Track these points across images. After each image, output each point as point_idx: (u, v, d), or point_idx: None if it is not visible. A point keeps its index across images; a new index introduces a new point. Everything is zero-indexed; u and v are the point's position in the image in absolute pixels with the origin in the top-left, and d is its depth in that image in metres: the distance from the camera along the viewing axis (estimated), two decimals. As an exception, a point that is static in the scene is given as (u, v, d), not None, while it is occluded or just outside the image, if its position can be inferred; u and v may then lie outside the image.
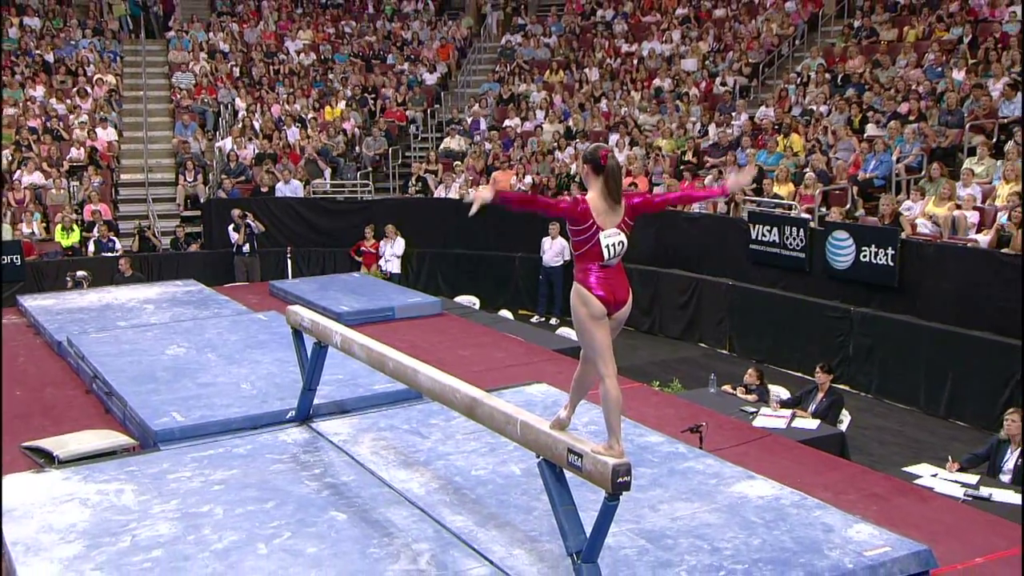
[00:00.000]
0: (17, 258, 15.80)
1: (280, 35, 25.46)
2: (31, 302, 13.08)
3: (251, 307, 12.71)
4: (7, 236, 16.18)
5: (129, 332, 11.18)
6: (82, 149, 19.72)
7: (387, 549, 5.87)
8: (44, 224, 17.36)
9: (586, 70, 22.44)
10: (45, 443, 7.90)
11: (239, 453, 7.46)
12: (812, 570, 5.47)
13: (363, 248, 16.62)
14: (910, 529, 6.03)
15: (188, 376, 9.30)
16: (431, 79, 23.43)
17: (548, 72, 22.71)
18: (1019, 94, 15.39)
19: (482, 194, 4.79)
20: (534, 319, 15.46)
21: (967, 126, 14.73)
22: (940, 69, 17.77)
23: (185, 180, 19.28)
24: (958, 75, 17.16)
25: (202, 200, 18.63)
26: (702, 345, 13.76)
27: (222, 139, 20.37)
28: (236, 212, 16.44)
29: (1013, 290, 10.34)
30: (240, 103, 21.97)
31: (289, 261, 16.59)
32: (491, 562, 5.67)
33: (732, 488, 6.64)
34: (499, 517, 6.26)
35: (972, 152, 13.83)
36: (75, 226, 17.25)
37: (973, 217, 11.73)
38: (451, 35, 25.38)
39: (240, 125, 20.67)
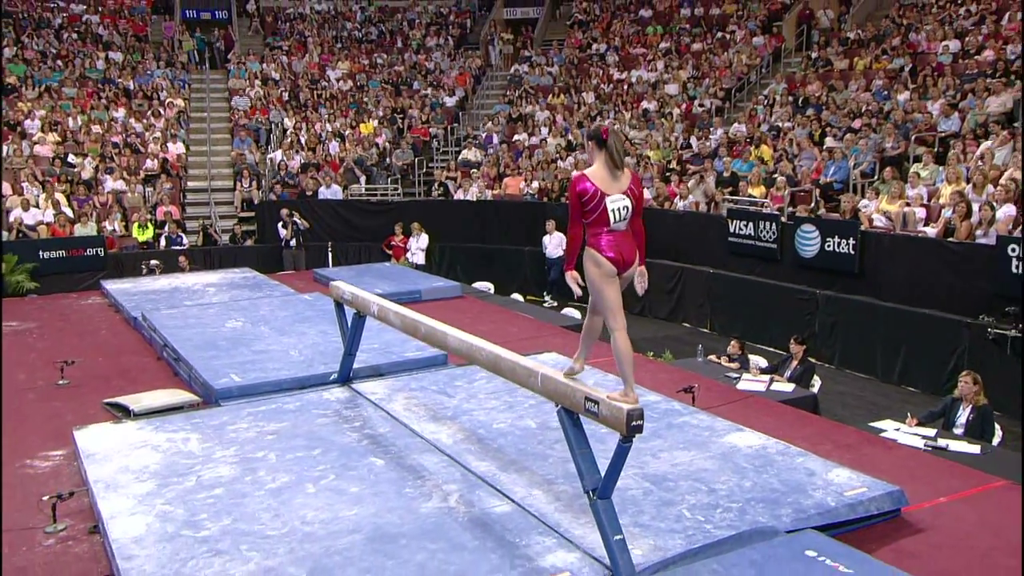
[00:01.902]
0: (101, 250, 15.65)
1: (322, 65, 25.23)
2: (112, 285, 12.84)
3: (298, 290, 12.44)
4: (92, 232, 16.08)
5: (194, 309, 10.92)
6: (155, 160, 19.59)
7: (420, 489, 5.59)
8: (124, 223, 17.12)
9: (583, 94, 22.16)
10: (122, 399, 7.65)
11: (288, 409, 7.19)
12: (799, 507, 5.19)
13: (393, 243, 16.33)
14: (880, 474, 5.74)
15: (244, 345, 9.05)
16: (451, 102, 23.19)
17: (551, 96, 22.43)
18: (956, 112, 15.19)
19: (573, 284, 4.84)
20: (546, 304, 15.11)
21: (912, 138, 14.46)
22: (886, 92, 17.48)
23: (242, 186, 19.10)
24: (902, 97, 16.89)
25: (256, 203, 18.42)
26: (686, 325, 13.46)
27: (273, 152, 20.13)
28: (284, 211, 16.19)
29: (958, 274, 10.08)
30: (288, 122, 21.73)
31: (330, 253, 16.32)
32: (513, 501, 5.39)
33: (723, 439, 6.36)
34: (518, 463, 5.99)
35: (917, 159, 13.55)
36: (149, 224, 17.03)
37: (921, 213, 11.45)
38: (468, 65, 25.10)
39: (288, 140, 20.42)
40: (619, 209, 4.68)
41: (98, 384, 8.46)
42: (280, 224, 16.10)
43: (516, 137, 20.34)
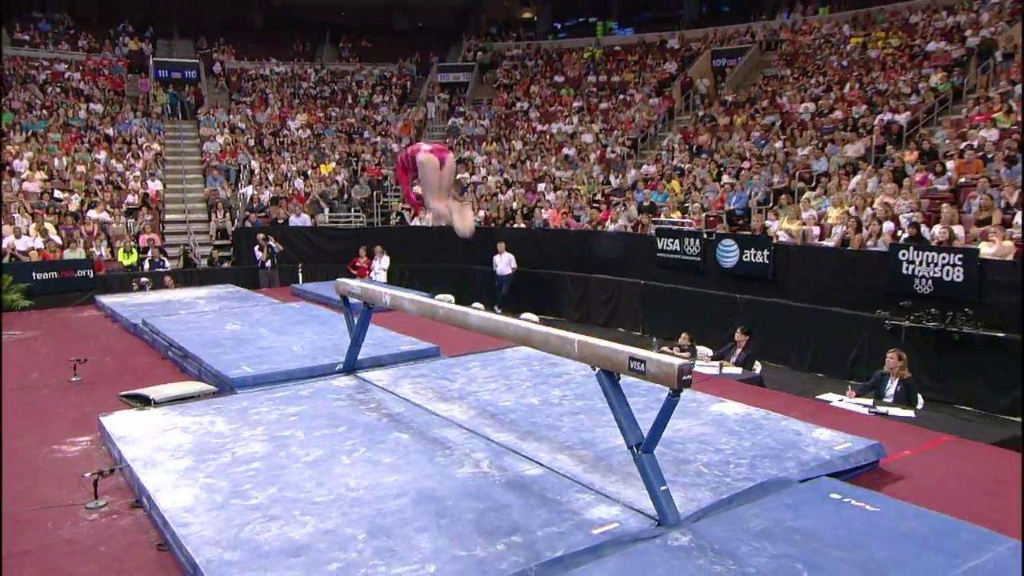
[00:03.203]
0: (90, 272, 14.42)
1: (283, 117, 24.27)
2: (107, 299, 11.76)
3: (281, 302, 11.62)
4: (81, 256, 14.80)
5: (192, 316, 10.01)
6: (136, 196, 18.33)
7: (450, 458, 5.01)
8: (109, 249, 15.87)
9: (513, 142, 21.89)
10: (140, 391, 6.81)
11: (303, 395, 6.49)
12: (800, 460, 4.83)
13: (357, 263, 15.58)
14: (850, 433, 5.45)
15: (247, 343, 8.26)
16: (398, 148, 22.54)
17: (485, 143, 22.08)
18: (824, 155, 15.55)
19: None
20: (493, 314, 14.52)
21: (795, 174, 14.68)
22: (764, 141, 17.80)
23: (216, 217, 18.05)
24: (778, 144, 17.21)
25: (230, 233, 17.40)
26: (621, 330, 13.09)
27: (244, 188, 19.10)
28: (260, 236, 15.28)
29: (857, 276, 10.07)
30: (255, 164, 20.72)
31: (300, 273, 15.43)
32: (542, 464, 4.87)
33: (710, 408, 5.98)
34: (534, 434, 5.46)
35: (801, 191, 13.71)
36: (134, 249, 15.84)
37: (816, 231, 11.48)
38: (411, 118, 24.54)
39: (257, 178, 19.44)
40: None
41: (110, 380, 7.57)
42: (257, 247, 15.17)
43: (459, 176, 19.83)
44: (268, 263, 15.03)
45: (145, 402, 6.55)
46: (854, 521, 3.88)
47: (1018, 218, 9.88)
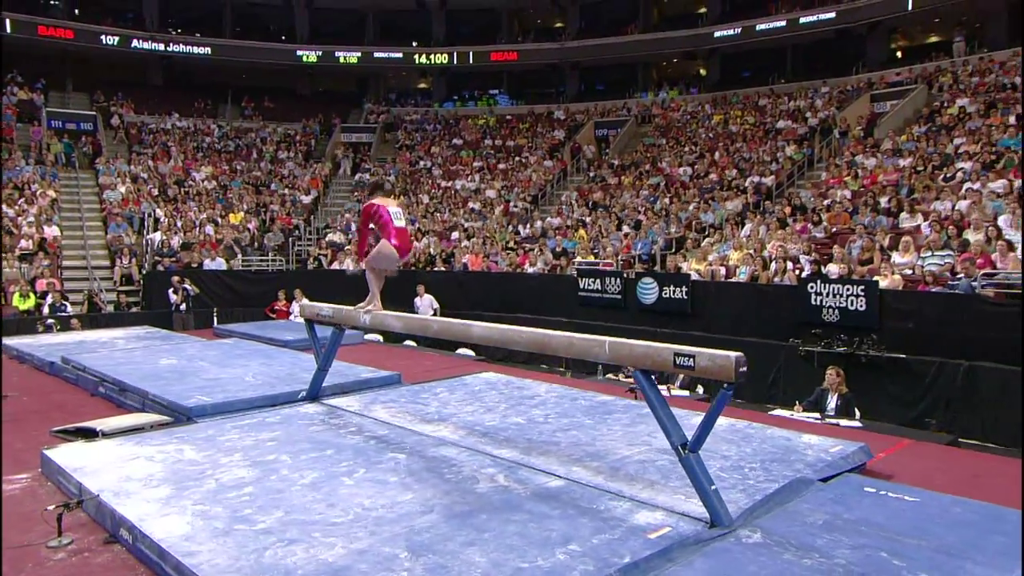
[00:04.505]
0: (-18, 315, 12.56)
1: (187, 168, 22.69)
2: (11, 341, 10.19)
3: (207, 340, 10.48)
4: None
5: (117, 353, 8.77)
6: (31, 241, 16.35)
7: (460, 475, 4.42)
8: (1, 294, 13.97)
9: (420, 196, 21.42)
10: (81, 424, 5.75)
11: (272, 421, 5.68)
12: (806, 462, 4.59)
13: (277, 307, 14.47)
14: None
15: (191, 375, 7.26)
16: (307, 199, 21.54)
17: (392, 197, 21.43)
18: (710, 210, 16.10)
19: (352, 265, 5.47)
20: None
21: (689, 224, 15.05)
22: (653, 198, 18.28)
23: (121, 263, 16.34)
24: (666, 200, 17.71)
25: (136, 278, 15.80)
26: (544, 366, 12.64)
27: (151, 234, 17.49)
28: (175, 278, 13.90)
29: (770, 309, 10.21)
30: (160, 212, 19.09)
31: (215, 317, 14.15)
32: (561, 477, 4.37)
33: (694, 421, 5.64)
34: (536, 449, 4.96)
35: (696, 241, 14.02)
36: (31, 294, 14.01)
37: (722, 271, 11.66)
38: (318, 172, 23.59)
39: (165, 224, 17.88)
40: (398, 213, 5.76)
41: (36, 418, 6.42)
42: (171, 290, 13.77)
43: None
44: (183, 306, 13.67)
45: (89, 435, 5.52)
46: (904, 511, 3.63)
47: (895, 256, 10.46)
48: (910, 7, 24.08)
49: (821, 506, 3.73)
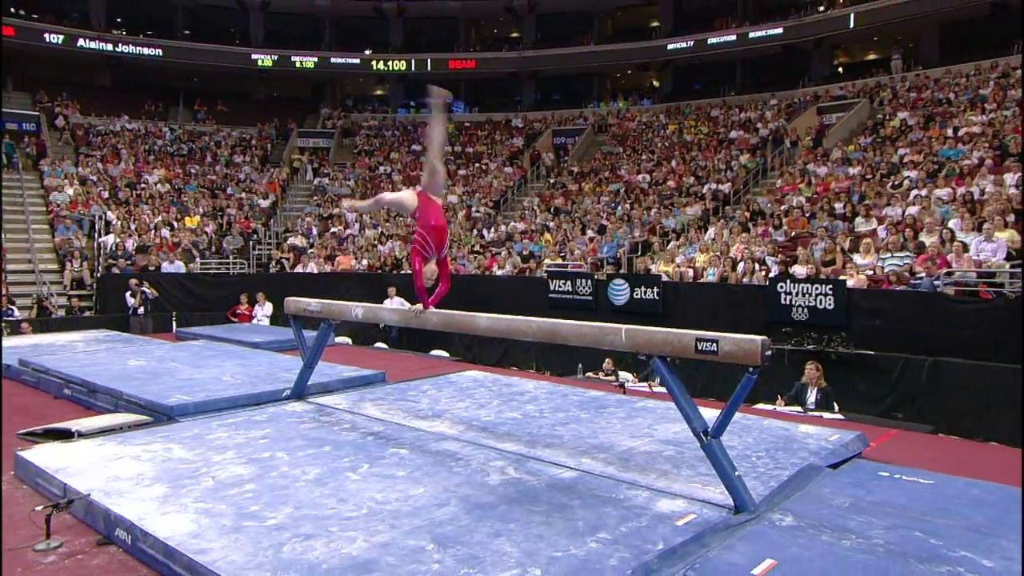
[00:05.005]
0: (-77, 319, 11.80)
1: (138, 171, 21.86)
2: (-42, 343, 9.53)
3: (171, 342, 10.02)
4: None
5: (79, 355, 8.29)
6: (-28, 244, 15.49)
7: (469, 468, 4.26)
8: (-59, 298, 13.18)
9: (381, 201, 21.12)
10: (52, 426, 5.38)
11: (259, 420, 5.41)
12: (810, 450, 4.57)
13: (238, 311, 13.99)
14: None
15: (165, 375, 6.89)
16: (265, 203, 20.98)
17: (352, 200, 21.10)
18: (671, 216, 16.27)
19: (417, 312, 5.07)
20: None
21: (652, 229, 15.16)
22: (614, 204, 18.39)
23: (71, 267, 15.59)
24: (625, 207, 17.84)
25: (88, 282, 15.09)
26: (514, 368, 12.51)
27: (103, 237, 16.75)
28: (133, 281, 13.32)
29: (740, 308, 10.30)
30: (111, 215, 18.32)
31: (175, 321, 13.59)
32: (573, 468, 4.25)
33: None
34: (541, 442, 4.83)
35: (662, 245, 14.15)
36: (-26, 298, 13.25)
37: (689, 272, 11.75)
38: (276, 176, 23.03)
39: (119, 226, 17.15)
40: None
41: (-2, 420, 5.94)
42: (128, 293, 13.19)
43: (333, 229, 18.70)
44: (141, 310, 13.10)
45: (63, 436, 5.16)
46: (923, 493, 3.63)
47: (856, 258, 10.71)
48: (852, 25, 24.98)
49: (842, 490, 3.70)
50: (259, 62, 28.52)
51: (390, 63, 29.39)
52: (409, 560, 3.02)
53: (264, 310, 13.82)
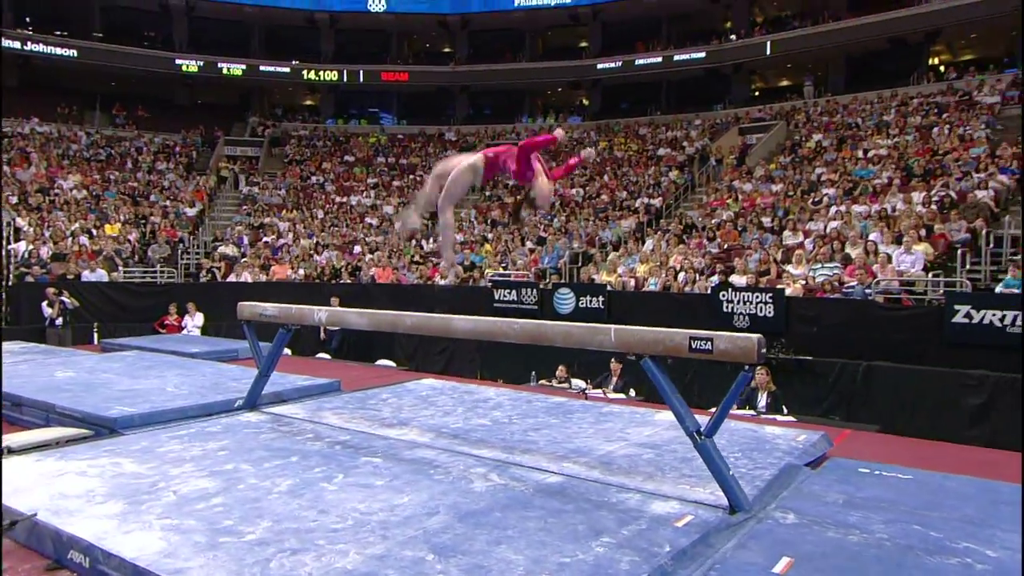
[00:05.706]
0: None
1: (51, 176, 20.49)
2: None
3: (98, 354, 9.31)
4: None
5: (-3, 367, 7.55)
6: None
7: (450, 475, 4.05)
8: None
9: (314, 210, 20.47)
10: (-21, 441, 4.81)
11: (214, 431, 5.02)
12: (786, 450, 4.57)
13: (167, 322, 13.19)
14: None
15: (100, 387, 6.34)
16: (191, 212, 19.99)
17: (284, 211, 20.38)
18: (607, 228, 16.45)
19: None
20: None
21: (589, 241, 15.26)
22: (552, 216, 18.45)
23: (-23, 276, 14.38)
24: (561, 219, 17.92)
25: (-5, 292, 13.95)
26: (459, 376, 12.26)
27: (13, 244, 15.52)
28: (51, 291, 12.34)
29: (684, 316, 10.37)
30: (21, 221, 17.04)
31: (96, 333, 12.72)
32: (555, 473, 4.10)
33: (656, 418, 5.59)
34: (517, 448, 4.66)
35: (601, 256, 14.24)
36: None
37: (631, 283, 11.84)
38: (203, 184, 22.03)
39: (32, 233, 15.95)
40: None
41: (-91, 437, 5.31)
42: (46, 303, 12.23)
43: (266, 239, 17.97)
44: (59, 320, 12.16)
45: (-8, 452, 4.63)
46: (907, 487, 3.67)
47: (789, 268, 11.05)
48: (768, 52, 26.13)
49: (830, 487, 3.70)
50: (184, 67, 27.35)
51: (322, 73, 28.74)
52: (411, 572, 2.80)
53: (195, 320, 13.10)
